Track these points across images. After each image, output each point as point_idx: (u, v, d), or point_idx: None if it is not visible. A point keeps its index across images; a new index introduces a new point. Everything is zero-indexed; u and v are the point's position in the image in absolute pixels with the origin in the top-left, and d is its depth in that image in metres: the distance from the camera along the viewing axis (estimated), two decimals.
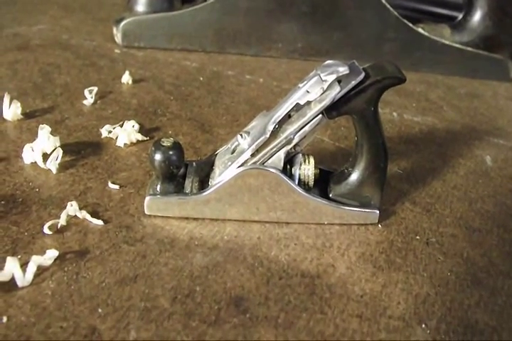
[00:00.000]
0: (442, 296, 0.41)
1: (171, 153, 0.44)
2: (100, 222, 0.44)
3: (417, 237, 0.46)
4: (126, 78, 0.71)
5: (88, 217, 0.44)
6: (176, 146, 0.45)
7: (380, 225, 0.47)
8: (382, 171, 0.44)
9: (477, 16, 0.85)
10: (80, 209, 0.45)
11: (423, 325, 0.38)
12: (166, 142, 0.45)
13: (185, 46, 0.83)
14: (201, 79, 0.74)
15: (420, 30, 0.84)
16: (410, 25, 0.83)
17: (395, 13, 0.82)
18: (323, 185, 0.47)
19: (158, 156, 0.44)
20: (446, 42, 0.84)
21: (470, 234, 0.47)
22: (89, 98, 0.64)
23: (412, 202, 0.51)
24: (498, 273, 0.43)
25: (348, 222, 0.46)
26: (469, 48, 0.84)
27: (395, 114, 0.70)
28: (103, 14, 0.98)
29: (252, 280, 0.40)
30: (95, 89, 0.65)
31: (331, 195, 0.46)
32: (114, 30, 0.83)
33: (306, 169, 0.45)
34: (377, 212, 0.46)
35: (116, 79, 0.71)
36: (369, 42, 0.83)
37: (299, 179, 0.45)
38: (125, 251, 0.41)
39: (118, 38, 0.82)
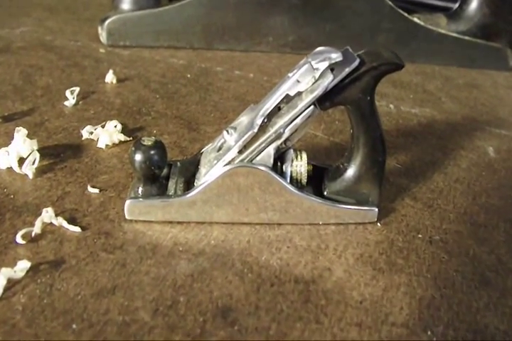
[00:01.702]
0: (448, 299, 0.38)
1: (152, 152, 0.41)
2: (77, 229, 0.41)
3: (419, 235, 0.44)
4: (110, 77, 0.69)
5: (65, 223, 0.42)
6: (158, 145, 0.42)
7: (379, 224, 0.45)
8: (381, 166, 0.42)
9: (474, 4, 0.84)
10: (57, 215, 0.42)
11: (429, 332, 0.35)
12: (147, 141, 0.42)
13: (173, 43, 0.81)
14: (188, 76, 0.72)
15: (416, 19, 0.82)
16: (405, 14, 0.81)
17: (389, 2, 0.80)
18: (317, 182, 0.45)
19: (138, 156, 0.41)
20: (443, 31, 0.82)
21: (475, 230, 0.45)
22: (70, 99, 0.62)
23: (412, 198, 0.48)
24: (507, 272, 0.41)
25: (345, 221, 0.44)
26: (466, 37, 0.82)
27: (391, 106, 0.68)
28: (89, 15, 0.97)
29: (240, 288, 0.37)
30: (77, 89, 0.63)
31: (325, 193, 0.44)
32: (99, 29, 0.81)
33: (299, 165, 0.43)
34: (376, 209, 0.44)
35: (100, 78, 0.69)
36: (363, 33, 0.81)
37: (291, 176, 0.43)
38: (103, 260, 0.39)
39: (103, 37, 0.80)
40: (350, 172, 0.43)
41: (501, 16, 0.84)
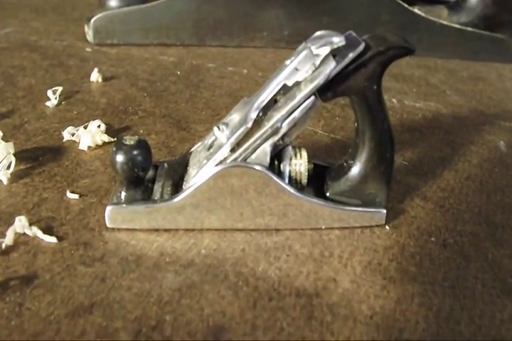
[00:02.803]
0: (469, 311, 0.34)
1: (135, 152, 0.38)
2: (53, 240, 0.38)
3: (432, 239, 0.41)
4: (95, 76, 0.67)
5: (39, 233, 0.39)
6: (141, 145, 0.39)
7: (387, 227, 0.42)
8: (389, 162, 0.40)
9: None
10: (32, 224, 0.39)
11: None
12: (129, 140, 0.39)
13: (162, 40, 0.79)
14: (179, 73, 0.70)
15: (416, 10, 0.80)
16: (405, 6, 0.79)
17: None
18: (318, 182, 0.42)
19: (120, 157, 0.38)
20: (445, 23, 0.80)
21: (492, 231, 0.42)
22: (52, 99, 0.60)
23: (422, 198, 0.46)
24: None
25: (350, 224, 0.41)
26: (469, 28, 0.80)
27: (394, 100, 0.66)
28: (76, 14, 0.96)
29: (235, 303, 0.33)
30: (60, 89, 0.61)
31: (328, 194, 0.41)
32: (86, 27, 0.79)
33: (298, 164, 0.40)
34: (384, 211, 0.41)
35: (84, 78, 0.67)
36: (361, 26, 0.78)
37: (290, 176, 0.40)
38: (81, 274, 0.35)
39: (89, 35, 0.78)
40: (355, 170, 0.40)
41: (504, 6, 0.82)
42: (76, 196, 0.43)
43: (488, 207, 0.45)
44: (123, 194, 0.40)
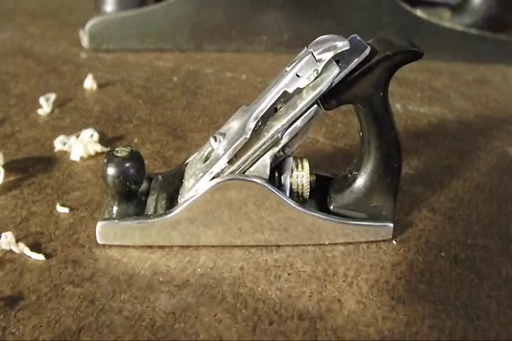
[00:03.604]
0: (484, 332, 0.32)
1: (127, 165, 0.37)
2: (41, 257, 0.36)
3: (442, 254, 0.39)
4: (90, 83, 0.65)
5: (27, 250, 0.37)
6: (134, 156, 0.38)
7: (394, 241, 0.40)
8: (395, 173, 0.38)
9: None
10: (19, 240, 0.38)
11: None
12: (121, 151, 0.38)
13: (159, 45, 0.77)
14: (175, 79, 0.68)
15: (418, 13, 0.78)
16: (407, 8, 0.77)
17: None
18: (321, 195, 0.41)
19: (111, 170, 0.37)
20: (448, 25, 0.79)
21: (505, 244, 0.40)
22: (45, 107, 0.58)
23: (430, 209, 0.44)
24: None
25: (355, 239, 0.39)
26: (472, 31, 0.79)
27: (398, 105, 0.64)
28: (73, 19, 0.94)
29: (232, 328, 0.31)
30: (53, 96, 0.59)
31: (331, 208, 0.40)
32: (81, 33, 0.78)
33: (299, 176, 0.39)
34: (391, 225, 0.40)
35: (79, 85, 0.65)
36: (363, 29, 0.77)
37: (291, 189, 0.38)
38: (69, 295, 0.33)
39: (85, 41, 0.77)
40: (361, 181, 0.39)
41: (509, 8, 0.81)
42: (66, 210, 0.42)
43: (500, 218, 0.43)
44: (115, 208, 0.38)
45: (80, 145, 0.49)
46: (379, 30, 0.77)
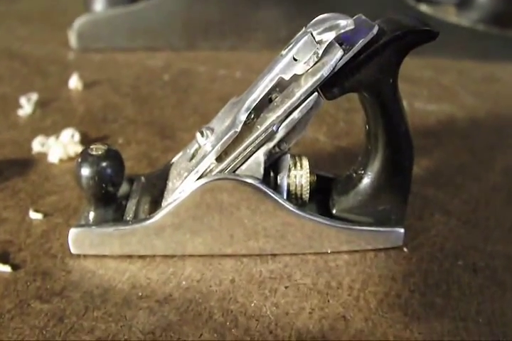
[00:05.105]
0: None
1: (103, 164, 0.34)
2: (7, 269, 0.34)
3: (459, 262, 0.37)
4: (75, 83, 0.64)
5: None
6: (111, 154, 0.35)
7: (405, 249, 0.38)
8: (406, 172, 0.36)
9: None
10: None
11: None
12: (97, 150, 0.35)
13: (150, 44, 0.76)
14: (166, 77, 0.66)
15: (423, 8, 0.78)
16: (411, 3, 0.76)
17: None
18: (322, 197, 0.39)
19: (85, 170, 0.34)
20: (453, 21, 0.78)
21: None
22: (26, 107, 0.56)
23: (444, 213, 0.42)
24: None
25: (361, 247, 0.37)
26: (479, 27, 0.78)
27: (404, 103, 0.60)
28: (63, 21, 0.97)
29: None
30: (34, 96, 0.58)
31: (334, 211, 0.38)
32: (69, 33, 0.77)
33: (298, 176, 0.36)
34: (401, 230, 0.37)
35: (64, 85, 0.64)
36: None
37: (289, 191, 0.36)
38: (35, 312, 0.31)
39: (73, 41, 0.76)
40: (367, 182, 0.36)
41: None
42: (40, 216, 0.39)
43: None
44: (91, 214, 0.36)
45: (59, 147, 0.46)
46: None
